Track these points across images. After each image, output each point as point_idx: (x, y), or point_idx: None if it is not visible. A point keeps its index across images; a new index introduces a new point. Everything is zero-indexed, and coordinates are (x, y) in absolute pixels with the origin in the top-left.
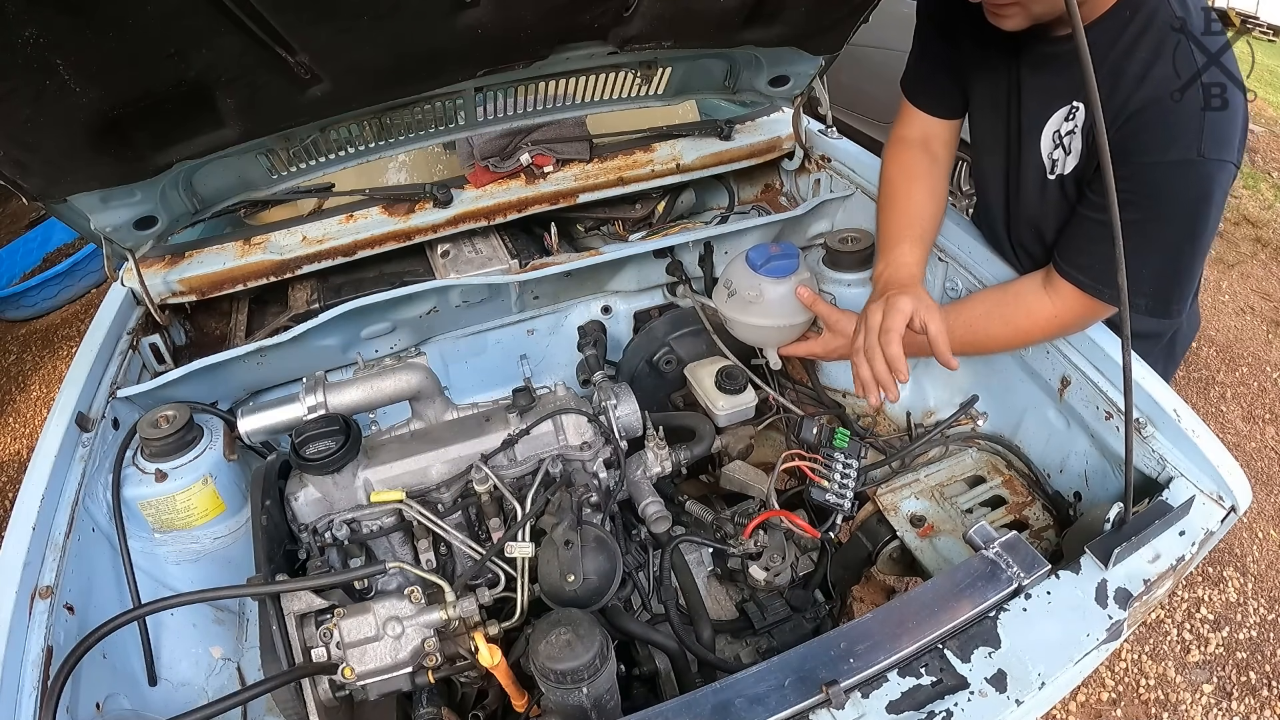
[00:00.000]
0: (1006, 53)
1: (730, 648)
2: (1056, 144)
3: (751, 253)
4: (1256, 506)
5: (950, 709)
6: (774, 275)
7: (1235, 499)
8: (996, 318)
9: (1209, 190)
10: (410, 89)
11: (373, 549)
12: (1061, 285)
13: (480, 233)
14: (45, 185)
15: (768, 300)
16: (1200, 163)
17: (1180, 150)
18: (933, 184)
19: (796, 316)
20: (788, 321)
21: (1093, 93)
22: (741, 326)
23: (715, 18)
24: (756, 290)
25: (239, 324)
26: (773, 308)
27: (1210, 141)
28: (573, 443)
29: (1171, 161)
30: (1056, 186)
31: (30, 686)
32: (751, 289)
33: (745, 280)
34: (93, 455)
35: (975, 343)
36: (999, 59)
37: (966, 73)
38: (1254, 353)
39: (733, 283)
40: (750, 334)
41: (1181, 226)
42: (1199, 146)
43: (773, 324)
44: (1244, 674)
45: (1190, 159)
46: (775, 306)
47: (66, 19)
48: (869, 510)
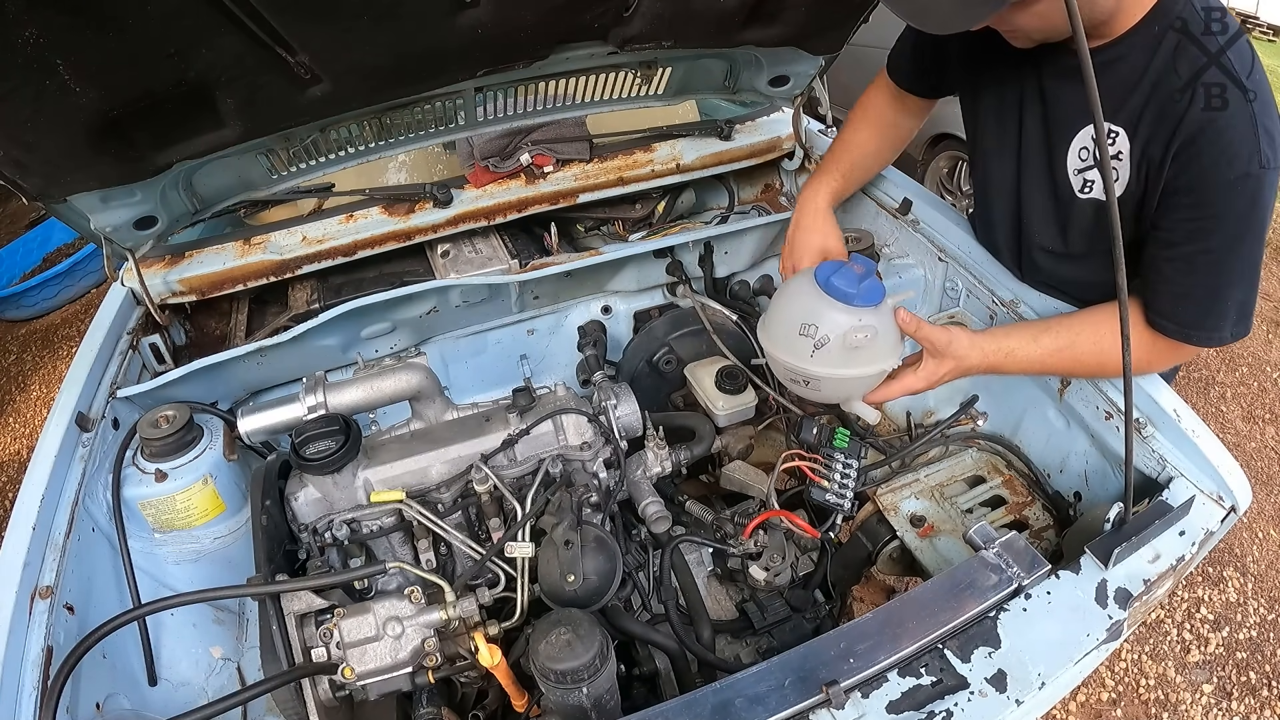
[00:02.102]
0: (1024, 57)
1: (730, 648)
2: (1085, 161)
3: (835, 279)
4: (1256, 506)
5: (950, 709)
6: (877, 300)
7: (1235, 499)
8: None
9: (1269, 197)
10: (410, 89)
11: (373, 549)
12: (1158, 338)
13: (480, 233)
14: (45, 185)
15: (881, 335)
16: (1263, 174)
17: (1244, 164)
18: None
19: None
20: (896, 360)
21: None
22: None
23: (715, 18)
24: (869, 330)
25: (239, 324)
26: (884, 341)
27: (1268, 149)
28: (573, 443)
29: (1237, 177)
30: (1085, 210)
31: (30, 686)
32: (859, 330)
33: (838, 318)
34: (93, 455)
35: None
36: (1014, 61)
37: (969, 68)
38: (1254, 353)
39: (818, 328)
40: (850, 389)
41: (1250, 242)
42: (1260, 157)
43: (884, 369)
44: (1244, 674)
45: (1253, 172)
46: (885, 338)
47: (66, 19)
48: (869, 510)
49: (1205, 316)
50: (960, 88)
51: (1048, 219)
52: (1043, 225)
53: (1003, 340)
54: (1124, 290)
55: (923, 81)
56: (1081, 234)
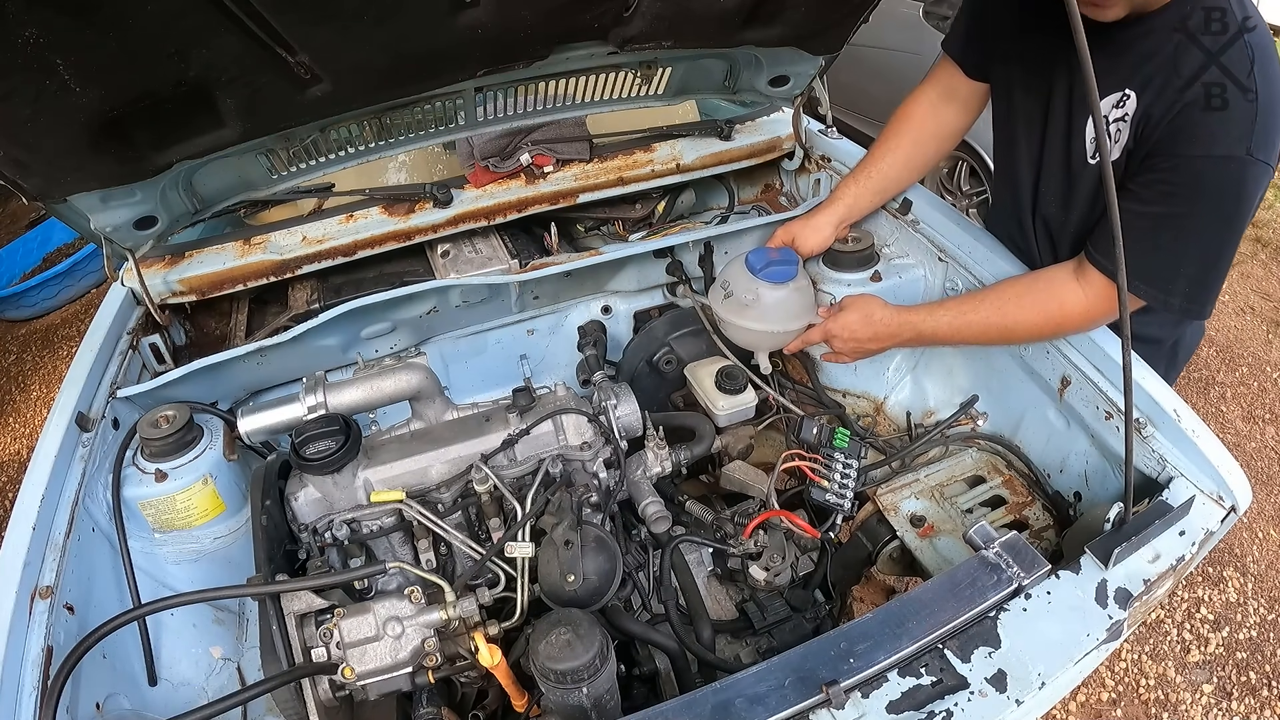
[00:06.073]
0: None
1: (730, 648)
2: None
3: (751, 256)
4: (1256, 506)
5: (950, 709)
6: (772, 280)
7: (1235, 499)
8: (1029, 303)
9: (1251, 190)
10: (410, 89)
11: (373, 549)
12: (1094, 276)
13: (480, 233)
14: (45, 185)
15: (764, 305)
16: (1248, 161)
17: (1228, 146)
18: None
19: (791, 323)
20: (781, 327)
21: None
22: (735, 329)
23: (715, 18)
24: (753, 294)
25: (239, 324)
26: (768, 313)
27: (1259, 141)
28: (573, 443)
29: (1219, 156)
30: (1094, 173)
31: (30, 686)
32: (748, 292)
33: (742, 283)
34: (93, 455)
35: (1005, 328)
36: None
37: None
38: (1254, 353)
39: (730, 284)
40: (743, 337)
41: (1221, 224)
42: (1248, 144)
43: (766, 329)
44: (1244, 674)
45: (1238, 155)
46: (771, 311)
47: (66, 19)
48: (869, 510)
49: (1156, 272)
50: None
51: (1058, 185)
52: (1052, 191)
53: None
54: (1123, 290)
55: (970, 53)
56: (1084, 198)
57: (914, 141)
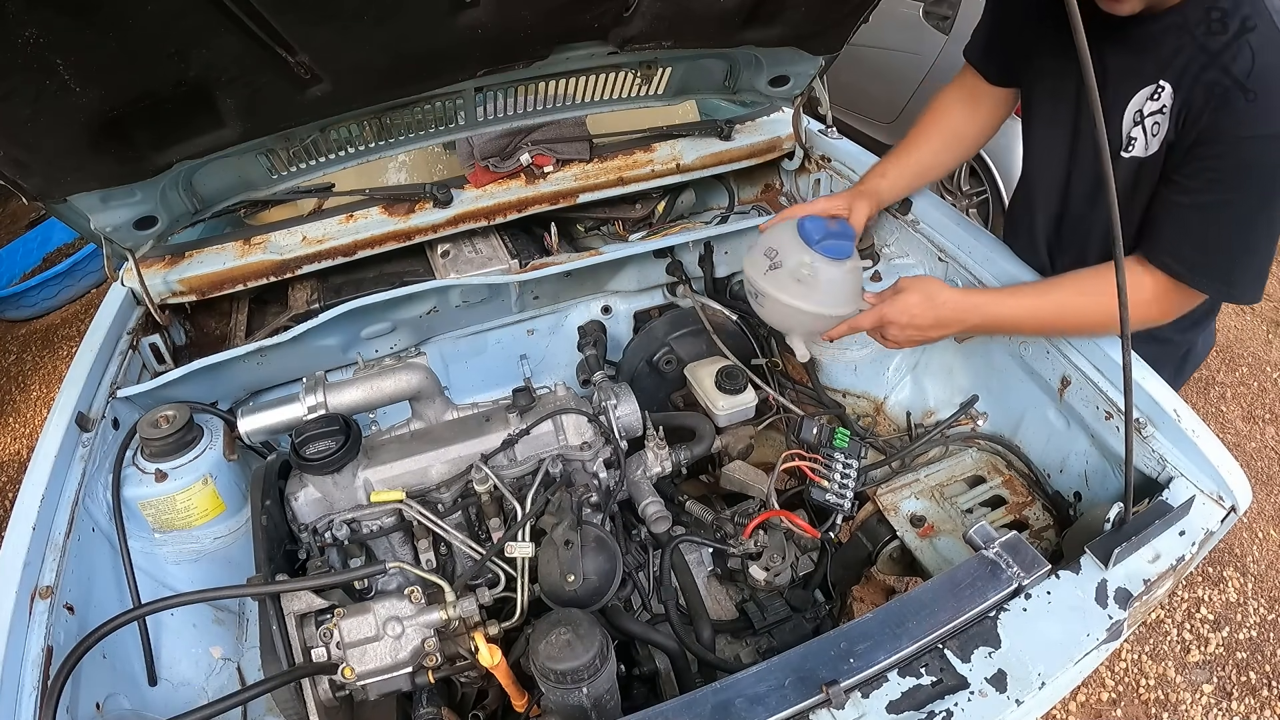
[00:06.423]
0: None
1: (730, 648)
2: (1136, 123)
3: (807, 223)
4: (1256, 506)
5: (950, 709)
6: (830, 255)
7: (1235, 499)
8: (1092, 303)
9: None
10: (410, 89)
11: (373, 549)
12: (1159, 274)
13: (480, 233)
14: (45, 185)
15: (820, 282)
16: None
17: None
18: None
19: (843, 306)
20: (833, 310)
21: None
22: (778, 306)
23: (715, 18)
24: (810, 269)
25: (239, 324)
26: (823, 292)
27: None
28: (573, 443)
29: (1265, 136)
30: (1128, 168)
31: (30, 686)
32: (803, 266)
33: (795, 254)
34: (93, 455)
35: (1064, 325)
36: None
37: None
38: (1254, 353)
39: (778, 254)
40: (785, 317)
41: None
42: None
43: (816, 310)
44: (1244, 674)
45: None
46: (827, 290)
47: (66, 19)
48: (869, 510)
49: (1216, 262)
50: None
51: (1088, 183)
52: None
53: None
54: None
55: (992, 59)
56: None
57: (950, 134)
